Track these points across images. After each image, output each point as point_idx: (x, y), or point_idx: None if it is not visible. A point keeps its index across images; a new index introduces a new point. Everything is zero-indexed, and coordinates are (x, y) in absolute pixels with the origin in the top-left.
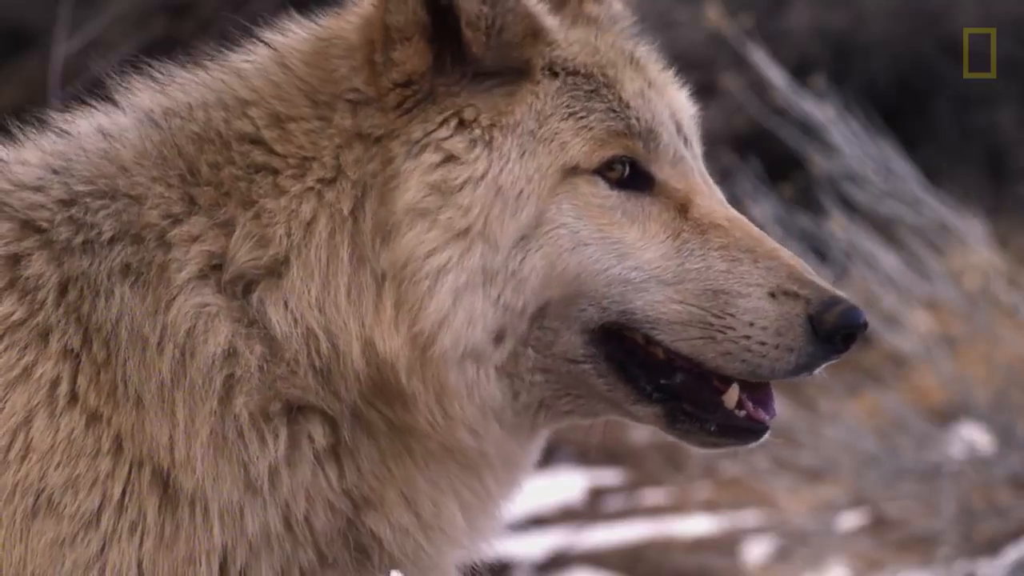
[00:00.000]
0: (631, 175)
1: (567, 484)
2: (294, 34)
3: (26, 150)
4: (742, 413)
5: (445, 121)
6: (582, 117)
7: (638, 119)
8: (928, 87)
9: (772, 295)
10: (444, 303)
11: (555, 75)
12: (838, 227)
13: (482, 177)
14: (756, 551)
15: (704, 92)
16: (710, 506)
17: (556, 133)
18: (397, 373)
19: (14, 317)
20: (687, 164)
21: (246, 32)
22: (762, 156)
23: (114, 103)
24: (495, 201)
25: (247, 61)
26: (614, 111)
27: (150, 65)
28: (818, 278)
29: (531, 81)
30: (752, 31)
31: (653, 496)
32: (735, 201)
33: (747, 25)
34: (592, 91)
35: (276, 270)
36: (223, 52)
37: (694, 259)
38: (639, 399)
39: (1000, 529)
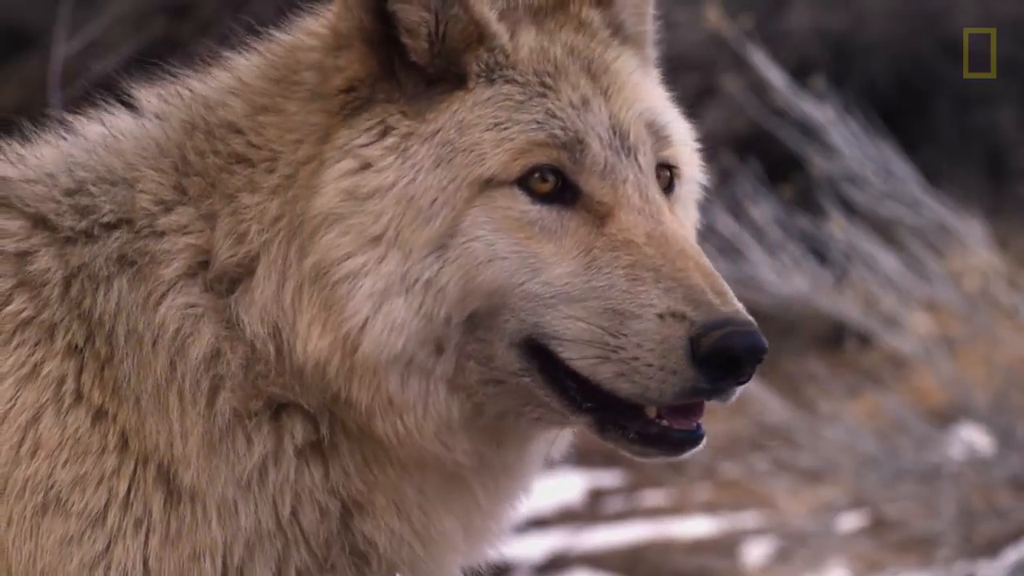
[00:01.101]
0: (560, 187)
1: (567, 485)
2: (288, 32)
3: (41, 146)
4: (663, 422)
5: (369, 128)
6: (505, 128)
7: (564, 129)
8: (928, 88)
9: (661, 316)
10: (362, 307)
11: (491, 82)
12: (838, 228)
13: (392, 185)
14: (756, 552)
15: (704, 93)
16: (710, 507)
17: (476, 144)
18: (332, 375)
19: (23, 315)
20: (619, 176)
21: (246, 33)
22: (762, 157)
23: (120, 101)
24: (406, 210)
25: (241, 56)
26: (538, 122)
27: (155, 66)
28: (723, 300)
29: (464, 89)
30: (752, 32)
31: (653, 497)
32: (735, 202)
33: (747, 26)
34: (523, 101)
35: (251, 268)
36: (223, 53)
37: (600, 276)
38: (573, 409)
39: (1000, 530)
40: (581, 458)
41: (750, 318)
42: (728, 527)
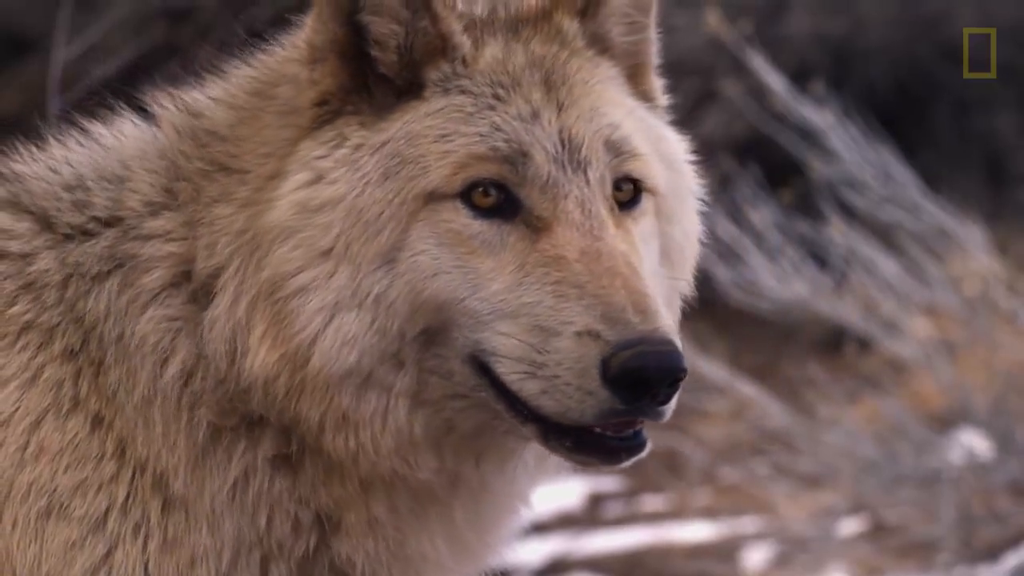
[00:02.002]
0: (504, 201)
1: (566, 490)
2: (282, 43)
3: (53, 146)
4: (597, 430)
5: (328, 141)
6: (450, 140)
7: (508, 142)
8: (927, 92)
9: (579, 335)
10: (312, 322)
11: (446, 92)
12: (837, 233)
13: (342, 198)
14: (755, 557)
15: (704, 98)
16: (709, 512)
17: (422, 156)
18: (280, 391)
19: (26, 317)
20: (561, 190)
21: (246, 39)
22: (762, 162)
23: (128, 104)
24: (355, 223)
25: (238, 66)
26: (482, 135)
27: (155, 70)
28: (643, 318)
29: (419, 99)
30: (751, 37)
31: (652, 502)
32: (735, 207)
33: (746, 31)
34: (472, 113)
35: (219, 278)
36: (224, 62)
37: (531, 293)
38: (522, 420)
39: (999, 535)
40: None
41: (670, 337)
42: (728, 532)
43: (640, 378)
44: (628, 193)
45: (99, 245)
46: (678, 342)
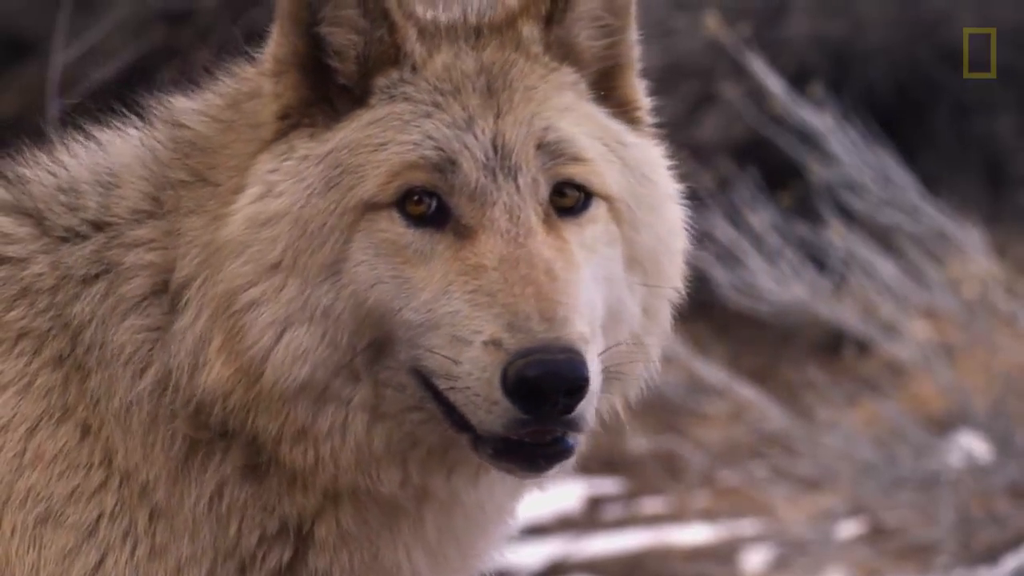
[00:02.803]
0: (436, 209)
1: (565, 493)
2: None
3: (59, 150)
4: (515, 438)
5: (280, 154)
6: (385, 149)
7: (437, 150)
8: (927, 95)
9: (485, 344)
10: (264, 336)
11: (391, 100)
12: (837, 236)
13: (287, 211)
14: (755, 560)
15: (703, 100)
16: (708, 515)
17: (361, 165)
18: (235, 405)
19: (21, 323)
20: (490, 197)
21: (245, 42)
22: (761, 165)
23: (131, 109)
24: (301, 235)
25: (228, 76)
26: (415, 143)
27: (154, 73)
28: (547, 326)
29: (365, 107)
30: (750, 39)
31: (651, 505)
32: (734, 210)
33: (745, 33)
34: (408, 121)
35: (187, 290)
36: (220, 69)
37: (452, 302)
38: (458, 430)
39: (998, 537)
40: (579, 466)
41: (572, 345)
42: (727, 534)
43: (534, 387)
44: (573, 199)
45: (88, 248)
46: (583, 350)
